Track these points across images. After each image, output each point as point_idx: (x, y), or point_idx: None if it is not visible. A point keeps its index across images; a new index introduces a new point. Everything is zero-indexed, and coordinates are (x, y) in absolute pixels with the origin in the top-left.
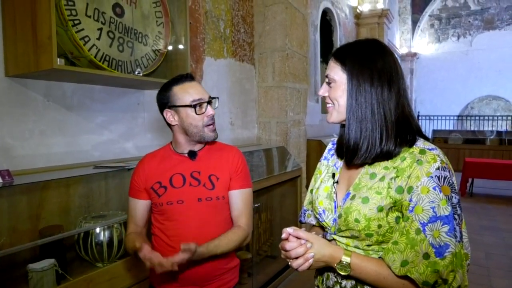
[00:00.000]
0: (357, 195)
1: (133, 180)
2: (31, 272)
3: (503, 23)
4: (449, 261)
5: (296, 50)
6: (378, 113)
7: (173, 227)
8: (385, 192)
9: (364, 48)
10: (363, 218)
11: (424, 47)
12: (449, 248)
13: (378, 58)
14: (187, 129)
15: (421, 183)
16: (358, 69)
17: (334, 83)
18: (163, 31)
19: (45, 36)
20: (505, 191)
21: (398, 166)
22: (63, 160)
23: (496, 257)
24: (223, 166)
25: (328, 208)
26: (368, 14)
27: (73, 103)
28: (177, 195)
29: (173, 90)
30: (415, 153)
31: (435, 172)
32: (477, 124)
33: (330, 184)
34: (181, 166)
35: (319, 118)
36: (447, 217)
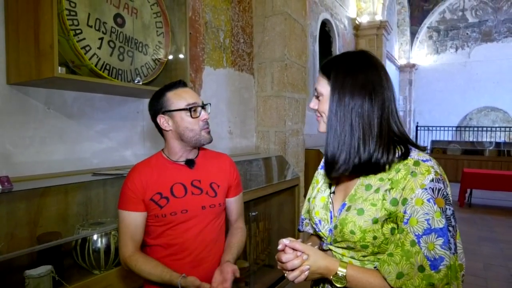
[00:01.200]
0: (353, 206)
1: (129, 192)
2: (28, 278)
3: (501, 36)
4: (444, 274)
5: (295, 61)
6: (356, 126)
7: (175, 236)
8: (380, 204)
9: (348, 61)
10: (358, 229)
11: (423, 59)
12: (444, 261)
13: (360, 71)
14: (182, 134)
15: (416, 195)
16: (340, 82)
17: (321, 96)
18: (163, 40)
19: (47, 44)
20: (503, 202)
21: (393, 178)
22: (63, 167)
23: (495, 268)
24: (221, 175)
25: (324, 218)
26: (366, 25)
27: (73, 111)
28: (180, 205)
29: (166, 95)
30: (409, 164)
31: (429, 184)
32: (475, 135)
33: (326, 195)
34: (180, 175)
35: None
36: (441, 229)
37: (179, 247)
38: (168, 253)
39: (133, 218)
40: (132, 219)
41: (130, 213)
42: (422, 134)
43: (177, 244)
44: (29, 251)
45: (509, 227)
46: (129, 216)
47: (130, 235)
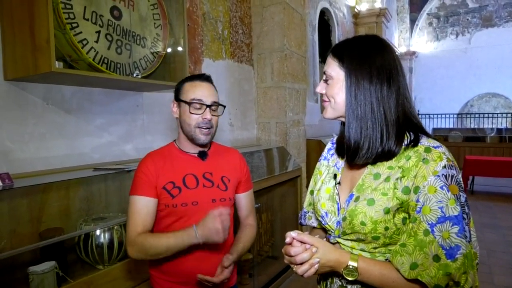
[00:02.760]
0: (362, 197)
1: (143, 176)
2: (31, 275)
3: (502, 20)
4: (461, 263)
5: (294, 51)
6: (378, 111)
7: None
8: (391, 193)
9: (362, 44)
10: (369, 220)
11: (423, 46)
12: (460, 250)
13: (377, 54)
14: (182, 125)
15: (428, 183)
16: (356, 65)
17: (331, 80)
18: (161, 33)
19: (43, 39)
20: (505, 188)
21: (404, 166)
22: (63, 163)
23: (498, 255)
24: (232, 170)
25: (331, 210)
26: (366, 13)
27: (72, 106)
28: (191, 197)
29: (184, 84)
30: (420, 151)
31: (442, 171)
32: (477, 121)
33: (332, 185)
34: (192, 166)
35: (318, 118)
36: (456, 217)
37: None
38: None
39: (145, 203)
40: (144, 204)
41: (142, 198)
42: (424, 122)
43: None
44: (33, 248)
45: (511, 213)
46: (141, 200)
47: (141, 219)
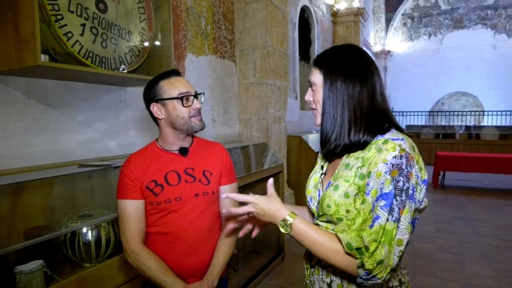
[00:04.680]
0: (333, 184)
1: (128, 180)
2: (19, 275)
3: (471, 23)
4: (374, 230)
5: (276, 48)
6: (348, 108)
7: (170, 224)
8: (352, 179)
9: (338, 51)
10: (333, 203)
11: (397, 45)
12: (379, 220)
13: (350, 59)
14: (174, 122)
15: (377, 169)
16: (332, 69)
17: (315, 86)
18: (146, 27)
19: (28, 32)
20: (474, 182)
21: (364, 156)
22: (46, 160)
23: (469, 245)
24: (214, 162)
25: (313, 196)
26: (344, 12)
27: (55, 101)
28: (174, 193)
29: (160, 84)
30: (379, 143)
31: (390, 160)
32: (447, 119)
33: (319, 175)
34: (173, 163)
35: (298, 114)
36: (386, 194)
37: (174, 235)
38: (163, 241)
39: (135, 206)
40: (134, 208)
41: (132, 202)
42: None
43: (171, 232)
44: (20, 247)
45: (480, 206)
46: (131, 205)
47: (136, 225)
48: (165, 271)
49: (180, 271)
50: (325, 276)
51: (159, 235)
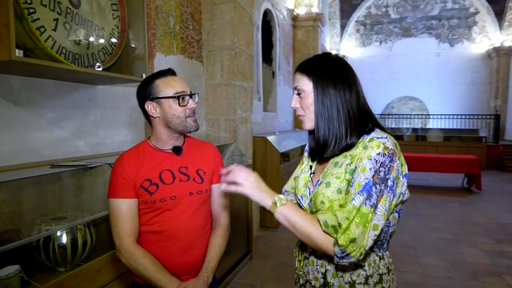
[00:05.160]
0: (323, 181)
1: (121, 179)
2: None
3: (418, 32)
4: (347, 209)
5: (243, 49)
6: (343, 111)
7: (164, 222)
8: (343, 176)
9: (324, 60)
10: (326, 199)
11: (351, 50)
12: (354, 201)
13: (337, 67)
14: (169, 121)
15: (362, 164)
16: (322, 77)
17: (303, 93)
18: (119, 24)
19: (1, 24)
20: (422, 181)
21: (353, 154)
22: (11, 160)
23: (422, 239)
24: (207, 161)
25: (304, 194)
26: (304, 17)
27: (21, 98)
28: (169, 192)
29: (155, 83)
30: (365, 141)
31: (375, 157)
32: (397, 122)
33: (308, 175)
34: (167, 162)
35: (261, 116)
36: (366, 184)
37: (168, 234)
38: (157, 240)
39: (128, 205)
40: (127, 207)
41: (125, 201)
42: None
43: (165, 230)
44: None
45: (429, 203)
46: (124, 204)
47: (129, 225)
48: (160, 269)
49: (174, 269)
50: (319, 266)
51: (153, 234)
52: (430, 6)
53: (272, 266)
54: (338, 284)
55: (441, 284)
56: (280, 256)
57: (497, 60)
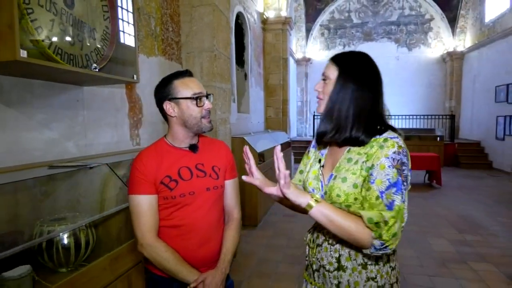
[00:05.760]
0: (338, 176)
1: (141, 176)
2: (6, 281)
3: (379, 36)
4: (394, 210)
5: (222, 52)
6: (353, 108)
7: (183, 217)
8: (358, 172)
9: (357, 56)
10: (342, 193)
11: (316, 53)
12: (396, 202)
13: (365, 68)
14: (186, 121)
15: (380, 162)
16: (348, 71)
17: (328, 80)
18: (110, 25)
19: (4, 24)
20: None
21: (368, 152)
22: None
23: None
24: (220, 158)
25: (316, 187)
26: (273, 20)
27: (12, 98)
28: (188, 187)
29: (174, 83)
30: (380, 141)
31: (391, 155)
32: None
33: (317, 168)
34: (184, 159)
35: (236, 116)
36: (396, 182)
37: (187, 228)
38: (177, 234)
39: (149, 201)
40: (148, 203)
41: (146, 197)
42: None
43: (184, 224)
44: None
45: None
46: (145, 199)
47: (151, 219)
48: (181, 262)
49: (193, 262)
50: (333, 252)
51: (173, 228)
52: (389, 12)
53: (256, 262)
54: (351, 266)
55: (414, 272)
56: (262, 252)
57: (451, 64)
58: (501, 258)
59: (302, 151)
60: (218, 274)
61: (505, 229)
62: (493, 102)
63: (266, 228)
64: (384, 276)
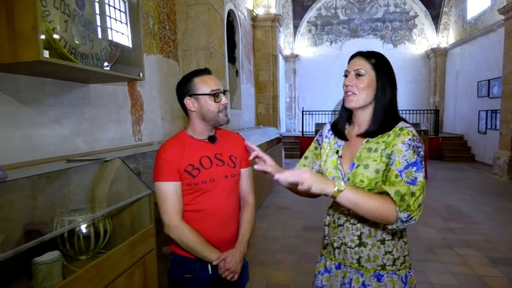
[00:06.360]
0: (360, 164)
1: (167, 164)
2: (39, 265)
3: (365, 33)
4: (419, 184)
5: (217, 49)
6: (390, 102)
7: (204, 202)
8: (379, 159)
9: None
10: (366, 179)
11: (304, 50)
12: (419, 178)
13: (391, 69)
14: (205, 115)
15: (398, 147)
16: (384, 72)
17: (363, 76)
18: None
19: (27, 26)
20: None
21: (386, 140)
22: (21, 156)
23: None
24: (237, 148)
25: (336, 176)
26: (263, 17)
27: (26, 96)
28: (209, 175)
29: (194, 80)
30: (396, 130)
31: (407, 141)
32: None
33: (335, 158)
34: (205, 149)
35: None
36: (415, 162)
37: (208, 212)
38: (199, 217)
39: (174, 187)
40: (174, 188)
41: (172, 183)
42: (307, 118)
43: (206, 209)
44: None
45: None
46: (171, 186)
47: (177, 203)
48: (204, 242)
49: (214, 243)
50: (355, 230)
51: (195, 212)
52: (375, 9)
53: (254, 252)
54: (371, 242)
55: None
56: (259, 243)
57: (435, 60)
58: (483, 243)
59: (292, 146)
60: (238, 253)
61: (487, 217)
62: (475, 97)
63: (262, 220)
64: (399, 250)
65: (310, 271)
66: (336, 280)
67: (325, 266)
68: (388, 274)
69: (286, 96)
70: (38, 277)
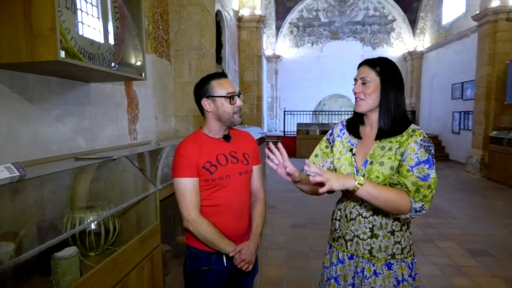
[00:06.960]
0: (375, 161)
1: (186, 160)
2: (59, 260)
3: (345, 35)
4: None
5: (209, 50)
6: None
7: (221, 197)
8: (393, 157)
9: (390, 63)
10: (381, 175)
11: (286, 51)
12: (431, 175)
13: (398, 72)
14: (220, 116)
15: (410, 146)
16: (389, 76)
17: (369, 83)
18: (120, 25)
19: (45, 27)
20: None
21: (400, 140)
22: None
23: None
24: (249, 147)
25: (351, 172)
26: (248, 18)
27: (34, 95)
28: (225, 171)
29: (211, 83)
30: (409, 131)
31: (419, 142)
32: (328, 118)
33: (349, 156)
34: (220, 148)
35: None
36: (427, 159)
37: (224, 206)
38: (216, 211)
39: (193, 183)
40: (192, 185)
41: (190, 179)
42: (289, 118)
43: (222, 204)
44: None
45: None
46: (190, 181)
47: (195, 198)
48: (221, 235)
49: (229, 236)
50: (367, 223)
51: (212, 207)
52: (355, 12)
53: None
54: (382, 234)
55: None
56: None
57: (411, 63)
58: (461, 236)
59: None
60: (252, 244)
61: (463, 212)
62: (450, 99)
63: None
64: (406, 239)
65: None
66: (350, 269)
67: (337, 258)
68: (397, 262)
69: (268, 96)
70: (58, 272)
